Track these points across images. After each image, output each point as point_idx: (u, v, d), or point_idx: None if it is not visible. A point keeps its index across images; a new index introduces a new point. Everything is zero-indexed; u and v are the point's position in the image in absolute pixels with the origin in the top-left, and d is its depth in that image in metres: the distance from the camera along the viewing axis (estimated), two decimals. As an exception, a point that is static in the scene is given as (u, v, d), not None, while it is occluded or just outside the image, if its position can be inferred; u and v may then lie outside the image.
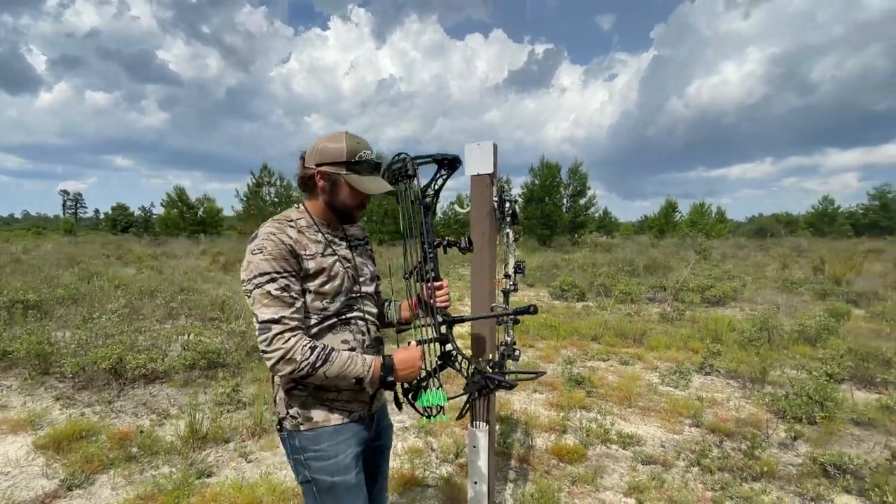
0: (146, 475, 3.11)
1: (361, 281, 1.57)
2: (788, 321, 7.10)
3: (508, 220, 1.97)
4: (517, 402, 4.40)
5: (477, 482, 2.01)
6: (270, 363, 1.34)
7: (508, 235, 1.98)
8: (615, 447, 3.63)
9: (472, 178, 1.98)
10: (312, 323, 1.45)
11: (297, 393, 1.47)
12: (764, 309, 8.09)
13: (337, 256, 1.50)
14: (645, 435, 3.83)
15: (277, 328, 1.33)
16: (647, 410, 4.34)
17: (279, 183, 37.35)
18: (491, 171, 1.94)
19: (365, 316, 1.57)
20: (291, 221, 1.47)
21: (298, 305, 1.39)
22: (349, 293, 1.52)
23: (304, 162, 1.51)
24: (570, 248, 24.42)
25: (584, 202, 34.03)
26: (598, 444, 3.66)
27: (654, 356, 6.01)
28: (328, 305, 1.47)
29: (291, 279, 1.38)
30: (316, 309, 1.45)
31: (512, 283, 1.96)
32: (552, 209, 32.52)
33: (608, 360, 5.86)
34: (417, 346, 1.52)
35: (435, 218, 1.76)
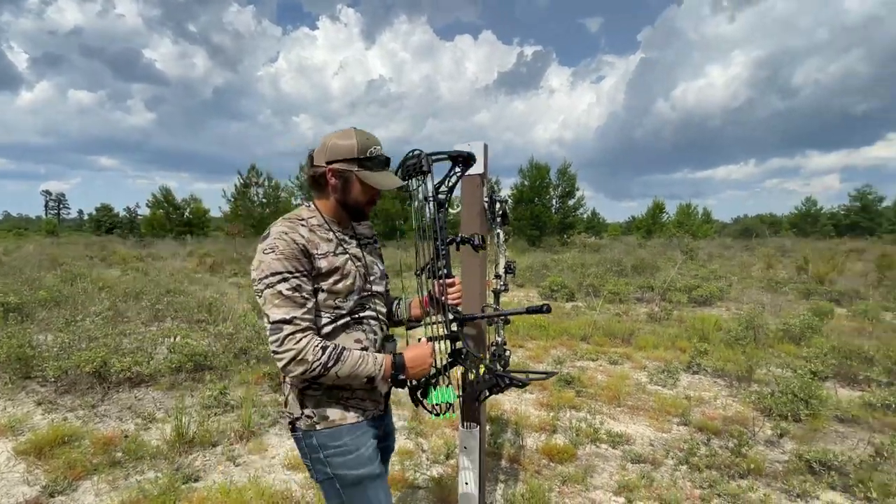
0: (131, 481, 3.05)
1: (371, 280, 1.56)
2: (773, 320, 7.20)
3: (499, 220, 1.96)
4: (507, 402, 4.40)
5: (468, 483, 2.00)
6: (282, 364, 1.32)
7: (499, 236, 1.97)
8: (605, 446, 3.65)
9: (462, 178, 1.97)
10: (325, 322, 1.44)
11: (311, 393, 1.46)
12: (750, 308, 8.20)
13: (348, 255, 1.48)
14: (634, 434, 3.86)
15: (289, 328, 1.31)
16: (635, 409, 4.37)
17: (267, 183, 37.09)
18: (482, 171, 1.93)
19: (377, 315, 1.57)
20: (303, 220, 1.45)
21: (310, 306, 1.38)
22: (361, 292, 1.51)
23: (312, 160, 1.48)
24: (559, 248, 24.55)
25: (572, 203, 34.29)
26: (587, 443, 3.68)
27: (642, 356, 6.06)
28: (341, 304, 1.46)
29: (303, 279, 1.37)
30: (329, 308, 1.44)
31: (502, 283, 1.96)
32: (542, 210, 32.71)
33: (597, 359, 5.90)
34: (428, 343, 1.52)
35: (450, 216, 1.76)
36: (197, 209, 40.36)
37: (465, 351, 1.61)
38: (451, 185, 1.70)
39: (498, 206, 1.96)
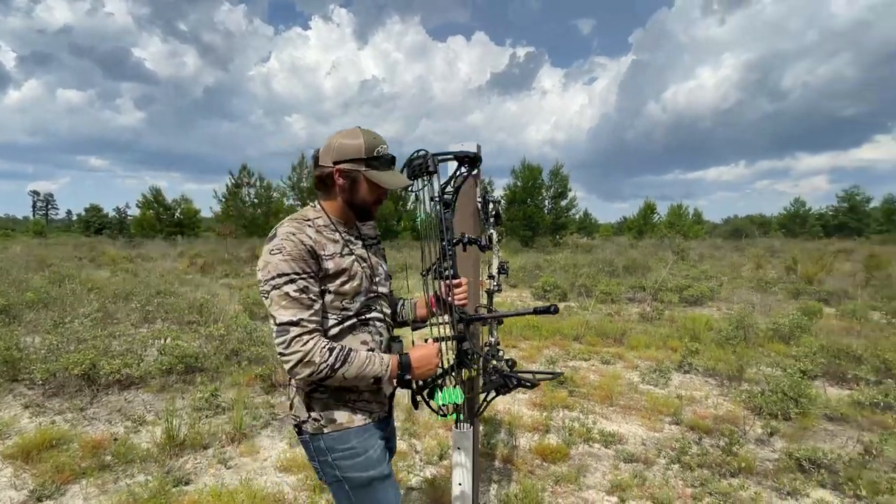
0: (120, 484, 3.02)
1: (377, 281, 1.55)
2: (763, 320, 7.27)
3: (492, 220, 1.96)
4: (501, 402, 4.41)
5: (461, 483, 2.00)
6: (289, 366, 1.31)
7: (492, 236, 1.97)
8: (597, 446, 3.66)
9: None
10: (332, 324, 1.43)
11: (318, 396, 1.45)
12: (740, 308, 8.27)
13: (354, 256, 1.47)
14: (626, 433, 3.88)
15: (296, 330, 1.30)
16: (628, 409, 4.39)
17: (259, 184, 36.89)
18: (475, 172, 1.93)
19: (383, 316, 1.56)
20: (309, 221, 1.43)
21: (317, 307, 1.36)
22: (367, 293, 1.50)
23: (318, 161, 1.47)
24: (551, 248, 24.62)
25: (565, 204, 34.42)
26: (580, 443, 3.69)
27: (634, 355, 6.09)
28: (348, 306, 1.45)
29: (310, 280, 1.35)
30: (335, 309, 1.43)
31: (496, 283, 1.96)
32: (534, 210, 32.80)
33: (590, 359, 5.92)
34: (434, 343, 1.51)
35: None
36: (188, 209, 40.03)
37: (471, 352, 1.60)
38: (456, 185, 1.70)
39: (491, 206, 1.96)
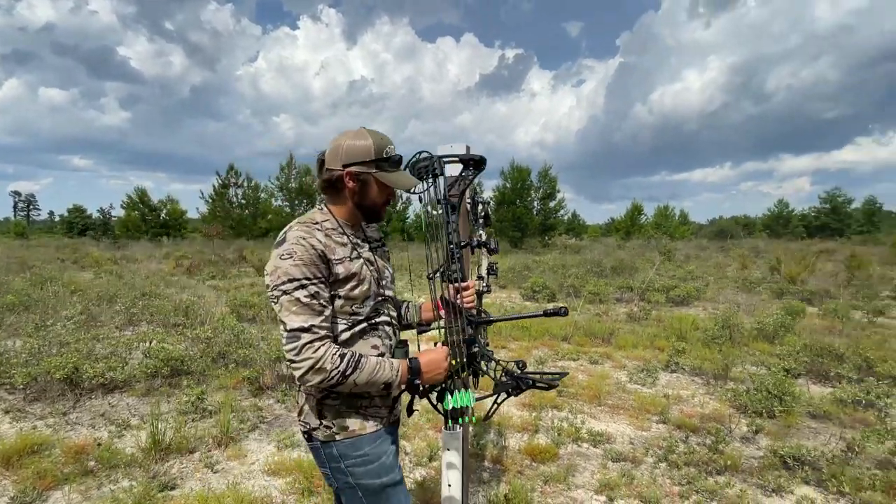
0: (104, 490, 2.97)
1: (384, 284, 1.53)
2: (748, 319, 7.37)
3: (481, 221, 1.97)
4: (490, 402, 4.41)
5: (451, 485, 2.00)
6: (299, 374, 1.28)
7: (481, 237, 1.97)
8: (586, 445, 3.68)
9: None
10: (342, 329, 1.41)
11: (329, 402, 1.43)
12: (725, 308, 8.38)
13: (362, 259, 1.45)
14: (615, 433, 3.90)
15: (307, 337, 1.28)
16: (616, 408, 4.42)
17: (246, 184, 36.56)
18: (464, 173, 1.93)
19: (391, 320, 1.55)
20: (318, 224, 1.41)
21: (328, 314, 1.34)
22: (376, 297, 1.48)
23: (324, 164, 1.44)
24: (540, 249, 24.75)
25: (553, 205, 34.59)
26: (569, 442, 3.71)
27: (622, 355, 6.14)
28: (359, 310, 1.43)
29: (321, 286, 1.33)
30: (345, 314, 1.41)
31: (485, 284, 1.96)
32: (523, 212, 32.92)
33: (578, 359, 5.95)
34: (443, 347, 1.50)
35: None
36: (174, 210, 39.54)
37: (480, 354, 1.59)
38: (462, 188, 1.71)
39: (480, 207, 1.97)
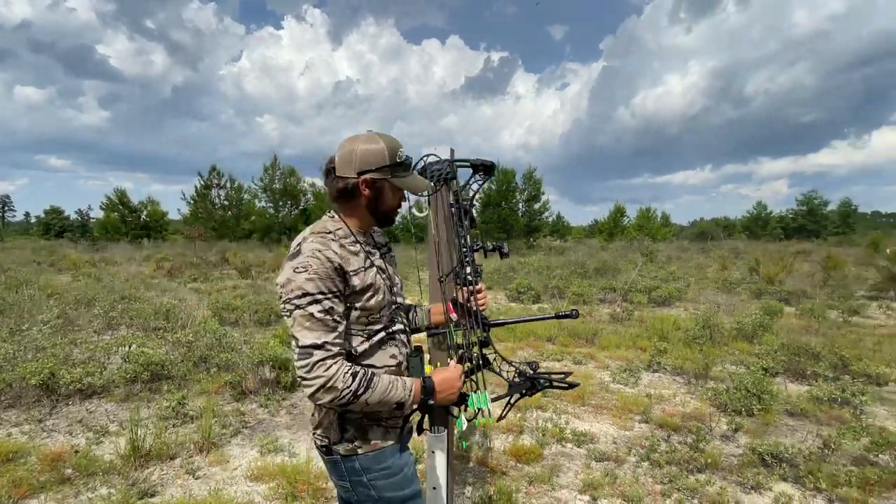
0: (82, 498, 2.90)
1: (395, 291, 1.51)
2: (728, 319, 7.51)
3: (466, 223, 1.97)
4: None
5: (436, 487, 2.00)
6: (310, 391, 1.25)
7: (467, 239, 1.98)
8: (570, 445, 3.71)
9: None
10: (360, 341, 1.38)
11: (351, 416, 1.40)
12: (706, 308, 8.52)
13: (375, 267, 1.42)
14: (598, 432, 3.94)
15: (319, 354, 1.25)
16: (599, 408, 4.47)
17: (229, 185, 36.10)
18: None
19: (404, 328, 1.52)
20: (331, 234, 1.37)
21: (341, 329, 1.31)
22: (391, 305, 1.45)
23: (334, 172, 1.39)
24: (525, 251, 24.87)
25: (538, 207, 34.89)
26: (553, 443, 3.73)
27: (605, 355, 6.20)
28: (376, 320, 1.40)
29: (335, 301, 1.30)
30: (362, 325, 1.38)
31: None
32: (508, 213, 33.13)
33: (562, 359, 6.00)
34: (456, 365, 1.47)
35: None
36: (154, 212, 38.88)
37: (493, 356, 1.60)
38: (473, 192, 1.72)
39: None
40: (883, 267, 12.24)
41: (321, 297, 1.27)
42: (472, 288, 1.57)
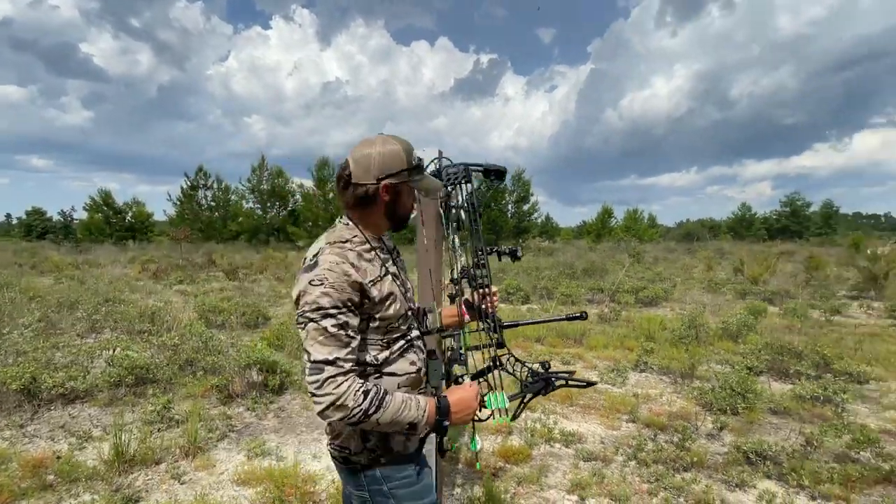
0: (64, 504, 2.85)
1: (408, 297, 1.49)
2: (713, 319, 7.61)
3: (454, 225, 1.98)
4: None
5: (424, 489, 2.00)
6: (320, 409, 1.22)
7: (455, 241, 1.98)
8: (558, 445, 3.73)
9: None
10: (380, 351, 1.36)
11: None
12: (692, 308, 8.62)
13: (390, 275, 1.39)
14: (586, 432, 3.97)
15: (331, 370, 1.21)
16: (587, 408, 4.50)
17: (216, 186, 35.75)
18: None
19: (419, 333, 1.51)
20: (348, 243, 1.34)
21: (354, 345, 1.27)
22: (407, 311, 1.43)
23: (349, 178, 1.35)
24: (513, 252, 24.94)
25: (527, 208, 35.10)
26: (542, 443, 3.75)
27: (593, 355, 6.25)
28: (394, 328, 1.38)
29: (350, 315, 1.26)
30: (381, 334, 1.36)
31: (458, 287, 1.97)
32: (498, 215, 33.25)
33: (551, 360, 6.02)
34: (472, 384, 1.45)
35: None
36: (140, 213, 38.35)
37: (506, 357, 1.60)
38: (483, 197, 1.74)
39: (453, 211, 1.98)
40: (864, 267, 12.50)
41: (335, 310, 1.24)
42: (485, 291, 1.57)
